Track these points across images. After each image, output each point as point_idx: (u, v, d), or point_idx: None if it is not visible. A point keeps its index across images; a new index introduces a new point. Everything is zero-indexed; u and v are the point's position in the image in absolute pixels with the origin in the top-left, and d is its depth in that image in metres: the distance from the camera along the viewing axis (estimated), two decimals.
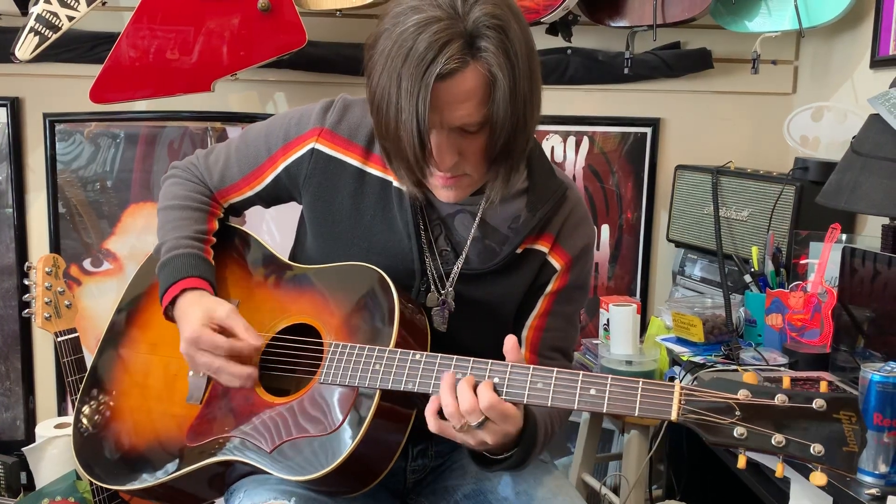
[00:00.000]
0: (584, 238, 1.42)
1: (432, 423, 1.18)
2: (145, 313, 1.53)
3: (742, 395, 1.04)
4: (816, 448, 0.99)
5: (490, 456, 1.24)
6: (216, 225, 1.50)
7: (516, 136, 1.21)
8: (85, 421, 1.48)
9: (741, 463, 1.04)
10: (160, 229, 1.48)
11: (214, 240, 1.49)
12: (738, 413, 1.03)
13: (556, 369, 1.15)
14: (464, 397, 1.14)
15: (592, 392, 1.12)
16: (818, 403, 1.01)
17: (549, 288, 1.40)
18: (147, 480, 1.39)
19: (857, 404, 1.00)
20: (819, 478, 1.00)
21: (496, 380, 1.17)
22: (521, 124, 1.20)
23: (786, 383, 1.05)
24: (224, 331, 1.33)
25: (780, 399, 1.02)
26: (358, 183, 1.38)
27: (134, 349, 1.51)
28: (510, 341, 1.19)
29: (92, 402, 1.50)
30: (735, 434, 1.02)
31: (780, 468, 1.03)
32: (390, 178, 1.36)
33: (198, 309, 1.35)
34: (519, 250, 1.37)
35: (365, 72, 1.24)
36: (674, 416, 1.06)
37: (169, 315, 1.40)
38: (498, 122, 1.18)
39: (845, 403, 1.00)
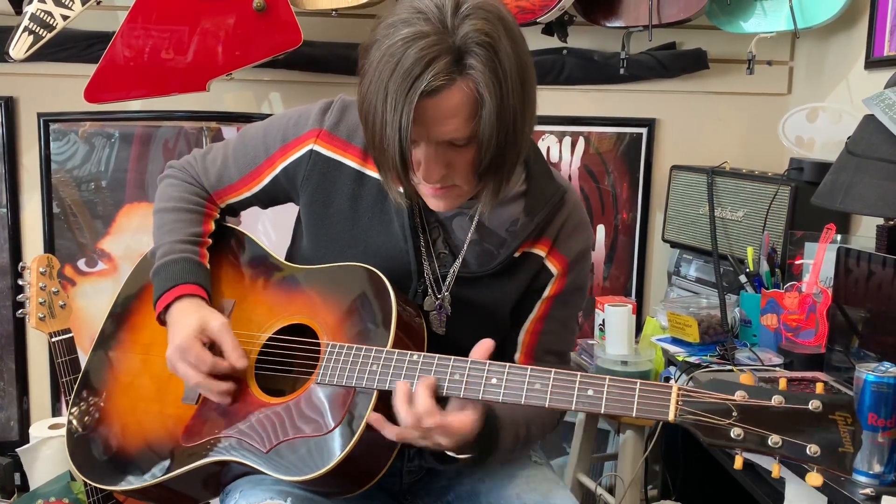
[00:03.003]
0: (582, 242, 1.41)
1: (388, 433, 1.21)
2: (140, 314, 1.53)
3: (739, 396, 1.05)
4: (812, 449, 1.00)
5: (450, 454, 1.26)
6: (212, 226, 1.50)
7: (505, 152, 1.19)
8: (79, 421, 1.48)
9: (738, 464, 1.05)
10: (156, 232, 1.48)
11: (210, 241, 1.48)
12: (734, 414, 1.04)
13: (553, 370, 1.15)
14: (406, 409, 1.18)
15: (590, 393, 1.13)
16: (814, 405, 1.01)
17: (547, 292, 1.40)
18: (142, 481, 1.38)
19: (852, 406, 1.01)
20: (815, 478, 1.00)
21: (494, 380, 1.17)
22: (511, 140, 1.18)
23: (782, 385, 1.05)
24: (213, 345, 1.34)
25: (776, 400, 1.03)
26: (356, 185, 1.38)
27: (128, 349, 1.51)
28: (482, 347, 1.21)
29: (86, 403, 1.49)
30: (732, 435, 1.03)
31: (776, 469, 1.04)
32: None
33: (193, 319, 1.35)
34: (516, 254, 1.36)
35: (358, 75, 1.23)
36: (671, 417, 1.06)
37: (162, 320, 1.40)
38: (485, 139, 1.16)
39: (841, 405, 1.01)
